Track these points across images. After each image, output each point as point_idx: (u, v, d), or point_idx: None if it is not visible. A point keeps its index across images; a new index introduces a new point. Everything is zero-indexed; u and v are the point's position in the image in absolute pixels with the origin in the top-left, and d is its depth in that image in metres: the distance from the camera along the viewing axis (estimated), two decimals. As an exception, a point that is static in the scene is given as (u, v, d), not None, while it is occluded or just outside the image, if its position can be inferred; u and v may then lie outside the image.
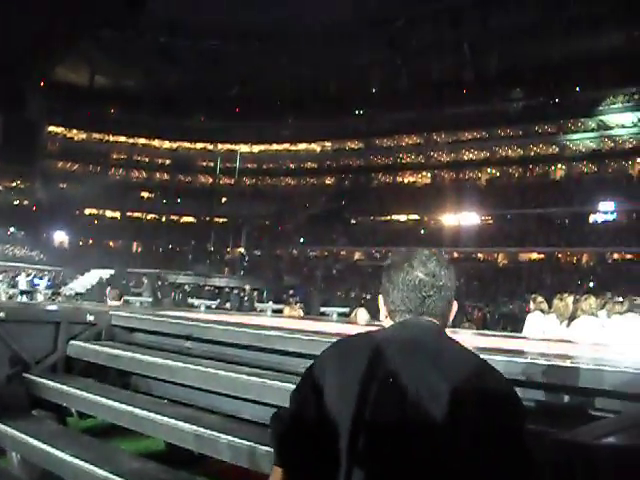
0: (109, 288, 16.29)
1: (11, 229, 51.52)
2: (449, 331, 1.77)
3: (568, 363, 3.15)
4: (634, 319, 7.27)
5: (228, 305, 23.96)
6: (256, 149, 62.38)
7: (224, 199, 58.49)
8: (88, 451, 4.13)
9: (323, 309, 21.67)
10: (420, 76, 54.06)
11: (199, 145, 63.52)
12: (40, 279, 30.29)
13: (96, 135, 62.43)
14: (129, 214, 60.29)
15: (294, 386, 1.77)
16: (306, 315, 14.54)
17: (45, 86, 58.14)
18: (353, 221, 55.59)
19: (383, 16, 54.14)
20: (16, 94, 51.87)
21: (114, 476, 3.63)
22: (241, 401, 4.08)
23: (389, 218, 54.14)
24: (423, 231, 50.40)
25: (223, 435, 3.59)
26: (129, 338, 5.83)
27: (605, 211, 44.98)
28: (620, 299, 8.77)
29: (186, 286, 30.40)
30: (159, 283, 29.58)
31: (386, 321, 1.82)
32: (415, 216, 53.20)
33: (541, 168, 52.10)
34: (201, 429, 3.75)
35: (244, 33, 57.26)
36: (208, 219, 56.10)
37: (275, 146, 62.34)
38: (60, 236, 54.24)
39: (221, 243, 49.27)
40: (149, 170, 64.51)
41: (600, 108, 47.28)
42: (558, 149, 50.84)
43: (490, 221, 50.28)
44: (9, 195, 56.81)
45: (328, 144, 60.99)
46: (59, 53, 57.28)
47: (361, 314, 8.53)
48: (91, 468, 3.78)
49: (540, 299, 8.54)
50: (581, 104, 47.34)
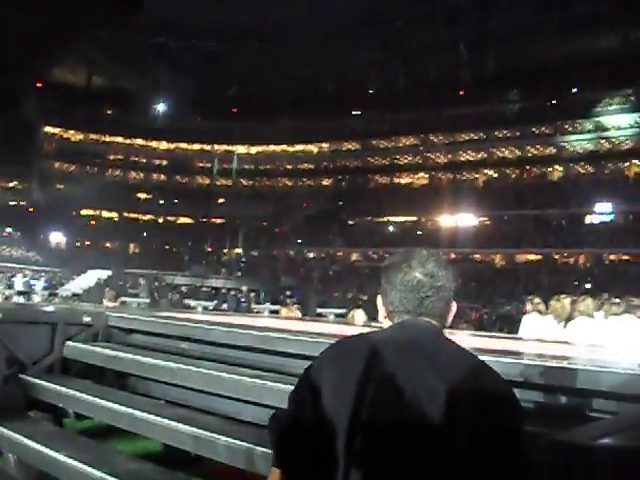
0: (106, 289, 16.30)
1: (8, 230, 51.38)
2: (446, 332, 1.77)
3: (565, 364, 3.16)
4: (631, 320, 7.29)
5: (225, 306, 23.92)
6: (253, 150, 62.34)
7: (221, 200, 58.41)
8: (85, 452, 4.13)
9: (320, 310, 21.71)
10: (417, 77, 54.00)
11: (196, 146, 63.44)
12: (37, 280, 30.23)
13: (93, 136, 62.28)
14: (126, 215, 60.13)
15: (292, 387, 1.77)
16: (303, 316, 14.53)
17: (42, 86, 58.03)
18: (350, 222, 55.56)
19: (380, 17, 54.15)
20: (13, 94, 51.73)
21: (110, 477, 3.63)
22: (241, 403, 4.08)
23: (386, 219, 54.15)
24: (420, 232, 50.43)
25: (221, 436, 3.59)
26: (126, 339, 5.83)
27: (602, 212, 45.04)
28: (617, 300, 8.78)
29: (183, 287, 30.32)
30: (156, 284, 29.54)
31: (385, 321, 1.82)
32: (412, 217, 53.23)
33: (538, 169, 52.15)
34: (199, 430, 3.75)
35: (241, 34, 57.15)
36: (205, 220, 56.12)
37: (272, 147, 62.29)
38: (57, 237, 54.13)
39: (218, 244, 49.30)
40: (146, 171, 64.37)
41: (597, 110, 47.36)
42: (555, 150, 50.89)
43: (487, 222, 50.30)
44: (6, 196, 56.66)
45: (325, 145, 60.99)
46: (56, 53, 57.16)
47: (358, 315, 8.53)
48: (87, 469, 3.78)
49: (537, 300, 8.55)
50: (578, 105, 47.41)
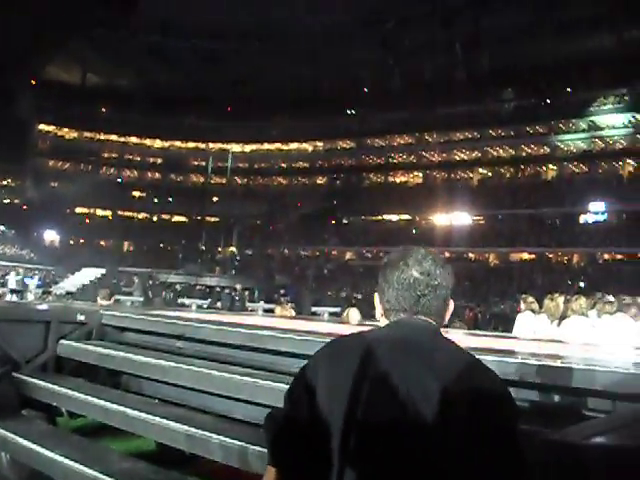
0: (100, 287, 16.27)
1: (1, 228, 51.27)
2: (442, 331, 1.77)
3: (559, 363, 3.16)
4: (623, 319, 7.31)
5: (219, 304, 23.90)
6: (248, 148, 62.28)
7: (216, 198, 58.35)
8: (78, 451, 4.11)
9: (314, 309, 21.70)
10: (412, 76, 54.07)
11: (191, 144, 63.35)
12: (30, 278, 30.15)
13: (87, 134, 62.22)
14: (120, 213, 60.07)
15: (286, 386, 1.77)
16: (297, 315, 14.53)
17: (36, 84, 57.91)
18: (345, 221, 55.60)
19: (375, 16, 54.16)
20: (7, 92, 51.59)
21: (104, 476, 3.61)
22: (233, 401, 4.07)
23: (380, 218, 54.16)
24: (415, 231, 50.46)
25: (215, 435, 3.58)
26: (120, 337, 5.81)
27: (596, 211, 45.15)
28: (611, 297, 8.81)
29: (177, 285, 30.28)
30: (150, 282, 29.50)
31: (382, 319, 1.81)
32: (407, 216, 53.26)
33: (532, 168, 52.25)
34: (192, 429, 3.73)
35: (237, 33, 57.15)
36: (199, 218, 55.97)
37: (267, 145, 62.28)
38: (51, 235, 54.02)
39: (212, 242, 49.13)
40: (141, 169, 64.31)
41: (591, 109, 47.47)
42: (549, 150, 50.98)
43: (481, 221, 50.38)
44: (-1, 193, 56.65)
45: (320, 144, 60.98)
46: (51, 52, 57.05)
47: (353, 314, 8.54)
48: (81, 468, 3.76)
49: (531, 299, 8.58)
50: (572, 105, 47.51)
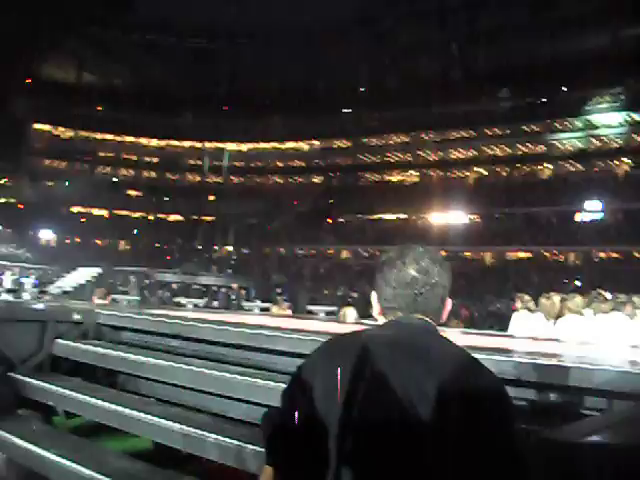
0: (96, 287, 16.25)
1: (-3, 227, 51.14)
2: (439, 329, 1.76)
3: (555, 362, 3.17)
4: (619, 318, 7.33)
5: (215, 304, 23.90)
6: (244, 147, 62.11)
7: (212, 197, 58.29)
8: (74, 451, 4.11)
9: (310, 308, 21.70)
10: (408, 75, 54.07)
11: (187, 143, 63.17)
12: (26, 277, 30.07)
13: (83, 133, 61.90)
14: (116, 212, 59.83)
15: (283, 385, 1.76)
16: (293, 314, 14.53)
17: (31, 83, 57.73)
18: (341, 220, 55.53)
19: (371, 15, 54.16)
20: (1, 91, 51.44)
21: (100, 475, 3.61)
22: (230, 400, 4.07)
23: (377, 217, 54.12)
24: (411, 230, 50.41)
25: (211, 434, 3.58)
26: (116, 337, 5.81)
27: (592, 210, 45.14)
28: (608, 295, 8.84)
29: (173, 285, 30.28)
30: (146, 282, 29.51)
31: (379, 318, 1.81)
32: (403, 215, 53.24)
33: (528, 167, 52.23)
34: (189, 428, 3.73)
35: (232, 31, 57.14)
36: (196, 217, 55.97)
37: (263, 144, 62.05)
38: (47, 234, 53.80)
39: (209, 241, 49.20)
40: (136, 168, 64.09)
41: (587, 108, 47.43)
42: (545, 148, 50.95)
43: (477, 220, 50.38)
44: (-5, 193, 56.45)
45: (316, 143, 60.83)
46: (46, 50, 56.90)
47: (350, 313, 8.57)
48: (77, 468, 3.76)
49: (527, 298, 8.60)
50: (568, 104, 47.46)
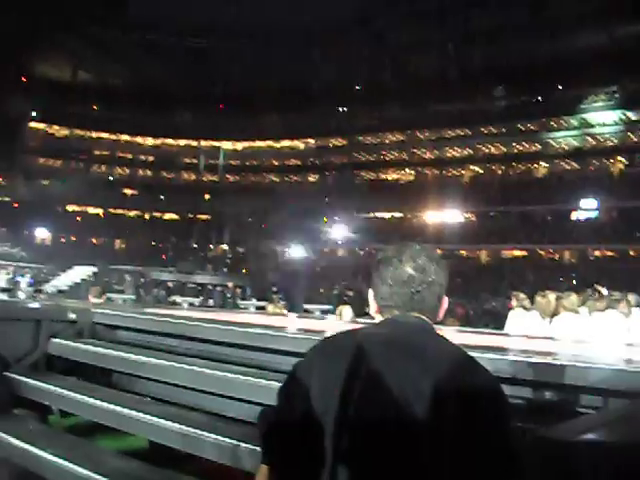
0: (92, 286, 16.23)
1: (-8, 226, 51.00)
2: (435, 327, 1.76)
3: (550, 360, 3.17)
4: (614, 316, 7.35)
5: (211, 302, 23.90)
6: (239, 146, 62.05)
7: (207, 196, 58.24)
8: (70, 450, 4.10)
9: (306, 306, 21.71)
10: (404, 74, 54.07)
11: (182, 142, 63.09)
12: (21, 276, 30.04)
13: (78, 131, 61.80)
14: (112, 211, 59.76)
15: (279, 384, 1.76)
16: (289, 312, 14.53)
17: (26, 82, 57.59)
18: (336, 218, 55.54)
19: (367, 13, 54.14)
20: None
21: (96, 475, 3.60)
22: (226, 399, 4.06)
23: (372, 215, 54.13)
24: (406, 228, 50.40)
25: (208, 433, 3.57)
26: (111, 336, 5.80)
27: (587, 209, 45.23)
28: (604, 291, 8.89)
29: (169, 283, 30.23)
30: (142, 280, 29.46)
31: (376, 316, 1.81)
32: (398, 213, 53.28)
33: (524, 166, 52.30)
34: (186, 427, 3.73)
35: (229, 30, 57.04)
36: (191, 216, 55.90)
37: (258, 143, 62.02)
38: (42, 233, 53.69)
39: (204, 240, 49.13)
40: (132, 167, 64.00)
41: (582, 106, 47.50)
42: (541, 147, 51.02)
43: (473, 218, 50.45)
44: (-10, 191, 56.31)
45: (312, 141, 60.83)
46: (42, 48, 56.73)
47: (346, 311, 8.59)
48: (73, 467, 3.75)
49: (522, 296, 8.62)
50: (564, 102, 47.52)
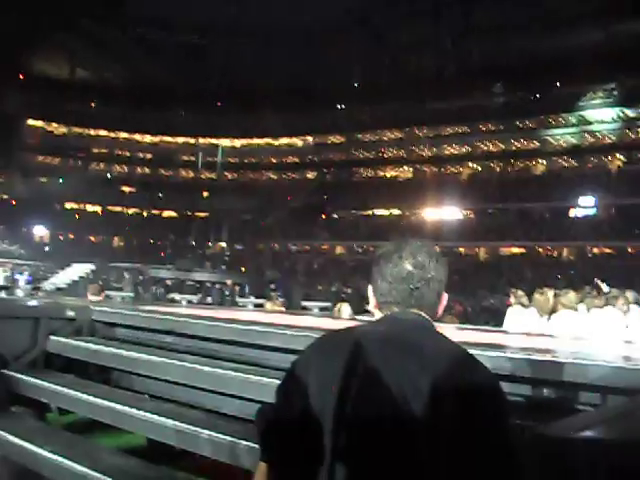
0: (90, 283, 16.20)
1: (-10, 223, 50.93)
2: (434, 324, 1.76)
3: (548, 357, 3.17)
4: (612, 313, 7.35)
5: (209, 300, 23.90)
6: (238, 143, 62.05)
7: (205, 193, 58.21)
8: (68, 447, 4.10)
9: (304, 303, 21.72)
10: (402, 71, 54.06)
11: (180, 139, 63.07)
12: (20, 274, 30.02)
13: (76, 129, 61.77)
14: (110, 208, 59.75)
15: (276, 381, 1.76)
16: (287, 309, 14.53)
17: (24, 79, 57.50)
18: (335, 215, 55.60)
19: (365, 11, 54.11)
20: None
21: (93, 472, 3.60)
22: (224, 396, 4.06)
23: (370, 212, 54.18)
24: (405, 225, 50.43)
25: (204, 430, 3.57)
26: (110, 333, 5.79)
27: (585, 206, 45.30)
28: (605, 287, 8.92)
29: (167, 281, 30.20)
30: (140, 278, 29.43)
31: (375, 312, 1.80)
32: (397, 210, 53.31)
33: (522, 163, 52.36)
34: (182, 424, 3.73)
35: (226, 27, 56.98)
36: (189, 213, 55.88)
37: (257, 140, 62.02)
38: (40, 230, 53.71)
39: (202, 238, 49.07)
40: (130, 164, 63.99)
41: (580, 104, 47.55)
42: (539, 144, 51.08)
43: (471, 215, 50.51)
44: (-12, 189, 56.20)
45: (310, 138, 60.84)
46: (39, 46, 56.65)
47: (345, 309, 8.60)
48: (70, 464, 3.75)
49: (520, 293, 8.63)
50: (562, 100, 47.56)
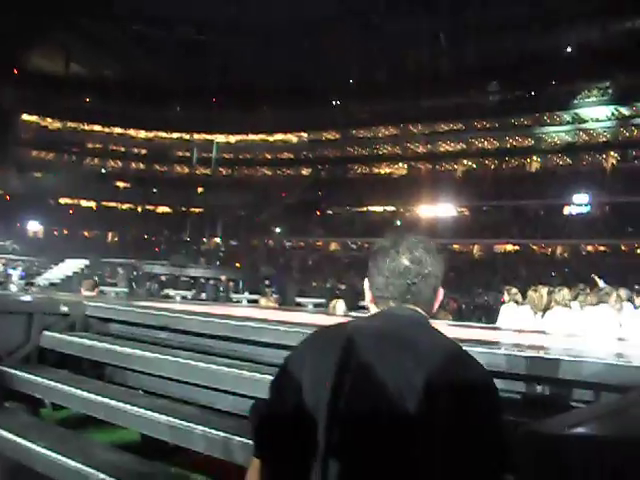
0: (84, 279, 16.17)
1: (-17, 218, 50.73)
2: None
3: (542, 354, 3.17)
4: (606, 310, 7.37)
5: (204, 296, 23.87)
6: (232, 139, 61.90)
7: (200, 189, 58.12)
8: (61, 443, 4.09)
9: (299, 300, 21.73)
10: (397, 67, 54.06)
11: (175, 135, 62.93)
12: (13, 269, 29.94)
13: (71, 124, 61.55)
14: (104, 204, 59.59)
15: (270, 377, 1.75)
16: (282, 306, 14.53)
17: (19, 74, 57.28)
18: (329, 212, 55.58)
19: (360, 7, 54.07)
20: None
21: (87, 467, 3.59)
22: (217, 392, 4.06)
23: (365, 209, 54.18)
24: (399, 222, 50.48)
25: (197, 426, 3.57)
26: (104, 329, 5.78)
27: (579, 203, 45.37)
28: (602, 283, 8.95)
29: (162, 277, 30.16)
30: (134, 273, 29.42)
31: (371, 306, 1.80)
32: (391, 207, 53.30)
33: (517, 160, 52.41)
34: (175, 420, 3.72)
35: (222, 23, 56.87)
36: (184, 209, 55.75)
37: (252, 136, 61.90)
38: (34, 226, 53.54)
39: (197, 233, 49.02)
40: (125, 160, 63.86)
41: (575, 101, 47.61)
42: (534, 142, 51.13)
43: (466, 212, 50.53)
44: (-18, 184, 55.96)
45: (304, 135, 60.78)
46: (34, 41, 56.44)
47: (339, 305, 8.63)
48: (64, 460, 3.74)
49: (514, 290, 8.65)
50: (556, 97, 47.62)
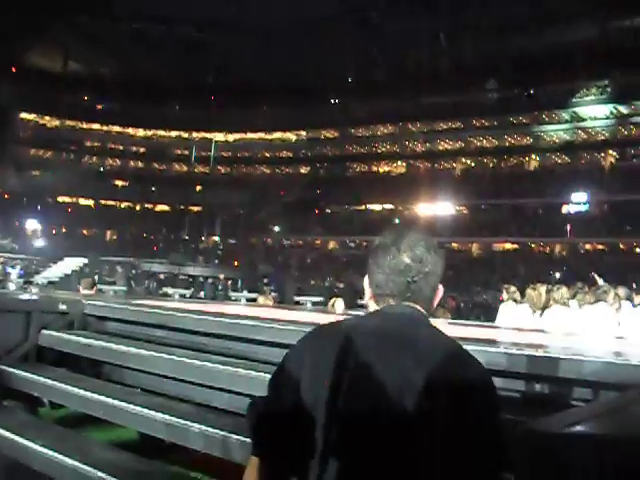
0: (83, 277, 16.17)
1: (-18, 217, 50.70)
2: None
3: (540, 352, 3.17)
4: (605, 309, 7.37)
5: (202, 294, 23.90)
6: (231, 138, 61.89)
7: (199, 188, 58.13)
8: (59, 441, 4.09)
9: (297, 298, 21.73)
10: (396, 66, 54.04)
11: (174, 133, 62.90)
12: (12, 268, 29.94)
13: (69, 122, 61.51)
14: (103, 202, 59.57)
15: (265, 375, 1.75)
16: (280, 304, 14.54)
17: (17, 72, 57.21)
18: (328, 210, 55.58)
19: (359, 6, 54.04)
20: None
21: (84, 466, 3.60)
22: (214, 390, 4.06)
23: (364, 207, 54.18)
24: (398, 220, 50.47)
25: (195, 424, 3.57)
26: (102, 327, 5.78)
27: (578, 202, 45.37)
28: (601, 281, 8.96)
29: (160, 275, 30.19)
30: (133, 272, 29.44)
31: (370, 303, 1.80)
32: (390, 205, 53.30)
33: (515, 159, 52.41)
34: (173, 418, 3.72)
35: (220, 22, 56.82)
36: (183, 208, 55.78)
37: (250, 135, 61.89)
38: (32, 224, 53.52)
39: (196, 232, 49.08)
40: (123, 158, 63.82)
41: (574, 100, 47.61)
42: (532, 140, 51.13)
43: (464, 211, 50.54)
44: (-20, 182, 55.93)
45: (303, 133, 60.75)
46: (32, 38, 56.37)
47: (338, 304, 8.66)
48: (62, 458, 3.74)
49: (513, 289, 8.65)
50: (555, 96, 47.64)
